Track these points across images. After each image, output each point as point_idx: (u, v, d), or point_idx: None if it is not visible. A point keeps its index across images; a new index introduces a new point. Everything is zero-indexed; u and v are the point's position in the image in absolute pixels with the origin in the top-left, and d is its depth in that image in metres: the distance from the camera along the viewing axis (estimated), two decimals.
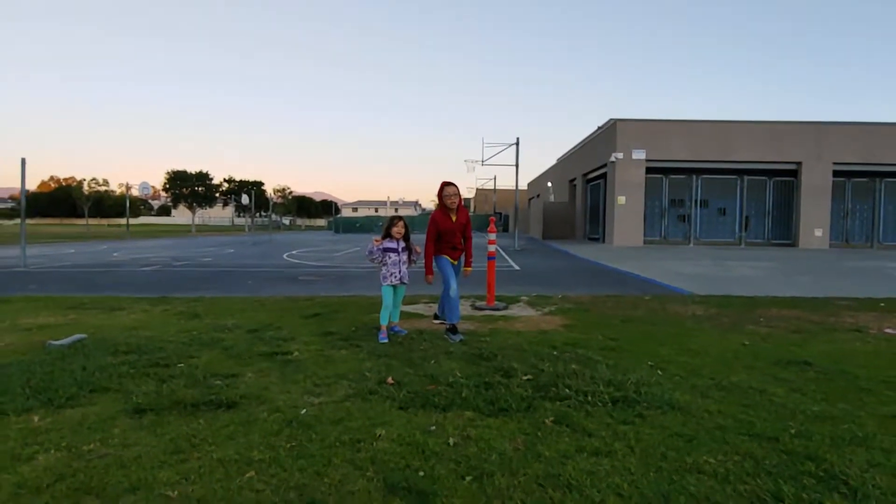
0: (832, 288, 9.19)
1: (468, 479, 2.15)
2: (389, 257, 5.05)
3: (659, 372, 3.78)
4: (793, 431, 2.65)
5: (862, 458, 2.34)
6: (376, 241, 5.11)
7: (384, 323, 4.91)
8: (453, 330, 4.85)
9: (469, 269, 5.32)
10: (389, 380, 3.51)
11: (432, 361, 3.99)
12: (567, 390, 3.25)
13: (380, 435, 2.59)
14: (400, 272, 5.07)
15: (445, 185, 5.10)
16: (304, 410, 2.93)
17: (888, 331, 5.52)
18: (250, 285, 9.45)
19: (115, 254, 18.50)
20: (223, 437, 2.58)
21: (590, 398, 3.11)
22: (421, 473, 2.19)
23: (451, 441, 2.52)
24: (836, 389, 3.40)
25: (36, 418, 2.82)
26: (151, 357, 4.07)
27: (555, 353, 4.29)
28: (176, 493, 2.03)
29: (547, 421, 2.78)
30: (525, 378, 3.53)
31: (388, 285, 5.02)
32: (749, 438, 2.57)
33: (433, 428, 2.69)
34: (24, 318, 5.96)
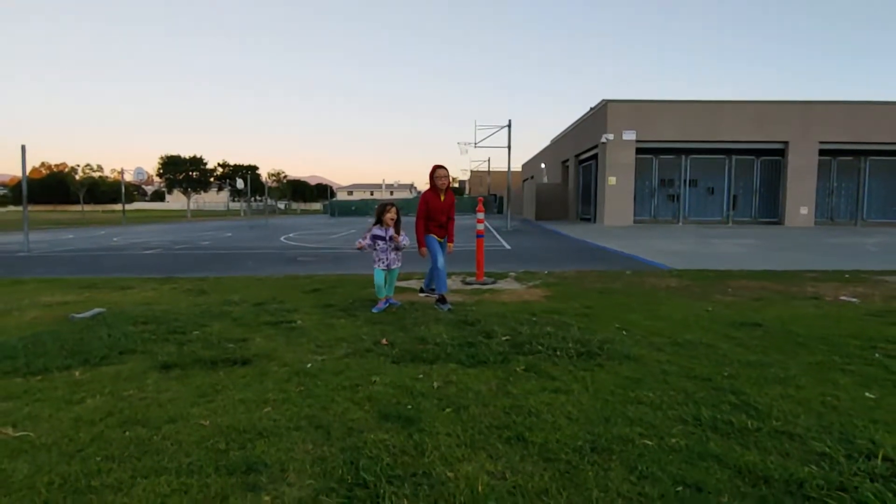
0: (807, 262, 9.68)
1: (448, 410, 2.61)
2: (378, 244, 5.35)
3: (624, 333, 4.25)
4: (725, 374, 3.12)
5: (776, 393, 2.81)
6: (360, 245, 5.42)
7: (380, 296, 5.33)
8: (442, 300, 5.31)
9: (451, 244, 5.78)
10: (384, 341, 3.97)
11: (422, 327, 4.44)
12: (539, 347, 3.71)
13: (375, 381, 3.04)
14: (388, 258, 5.35)
15: (437, 167, 5.56)
16: (310, 365, 3.38)
17: (843, 298, 6.01)
18: (251, 266, 9.86)
19: (114, 238, 18.82)
20: (241, 384, 3.03)
21: (558, 353, 3.57)
22: (409, 407, 2.65)
23: (435, 385, 2.98)
24: (776, 344, 3.88)
25: (77, 373, 3.26)
26: (168, 326, 4.50)
27: (533, 318, 4.75)
28: (208, 422, 2.48)
29: (518, 369, 3.24)
30: (504, 338, 3.98)
31: (378, 268, 5.36)
32: (687, 379, 3.04)
33: (421, 376, 3.15)
34: (42, 297, 6.37)
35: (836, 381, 3.01)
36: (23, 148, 13.89)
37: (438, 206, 5.56)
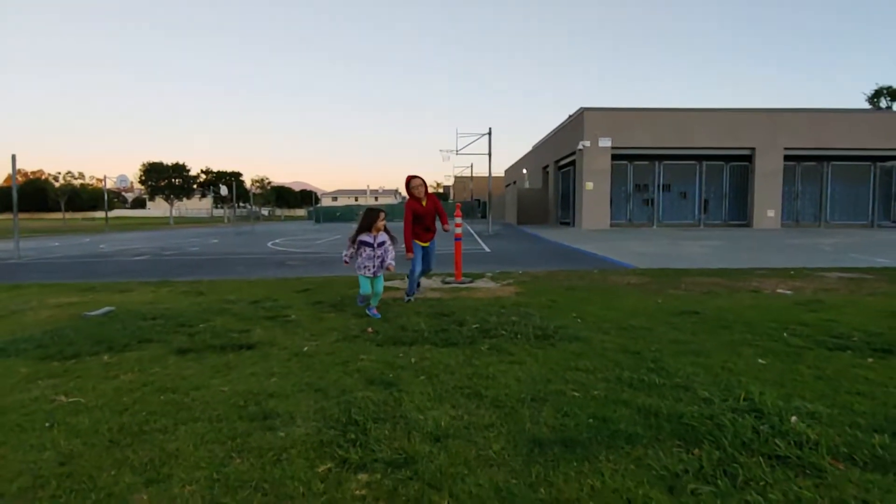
0: (763, 261, 10.48)
1: (422, 377, 3.22)
2: (364, 251, 5.23)
3: (578, 320, 4.90)
4: (652, 349, 3.78)
5: (687, 361, 3.47)
6: (346, 261, 5.34)
7: (363, 293, 5.27)
8: (409, 293, 6.02)
9: (448, 226, 6.47)
10: (369, 329, 4.56)
11: (403, 318, 5.03)
12: (503, 332, 4.34)
13: (362, 359, 3.64)
14: (374, 266, 5.21)
15: (411, 178, 6.15)
16: (306, 348, 3.96)
17: (779, 290, 6.75)
18: (242, 270, 10.36)
19: (101, 246, 19.07)
20: (249, 363, 3.60)
21: (519, 336, 4.20)
22: (391, 375, 3.25)
23: (412, 360, 3.58)
24: (705, 328, 4.56)
25: (105, 357, 3.79)
26: (176, 321, 5.02)
27: (502, 310, 5.38)
28: (227, 388, 3.05)
29: (482, 348, 3.86)
30: (473, 326, 4.60)
31: (364, 276, 5.22)
32: (621, 353, 3.69)
33: (401, 355, 3.75)
34: (48, 299, 6.82)
35: (740, 353, 3.68)
36: (13, 157, 14.19)
37: (423, 211, 6.17)
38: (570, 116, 26.51)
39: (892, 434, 2.34)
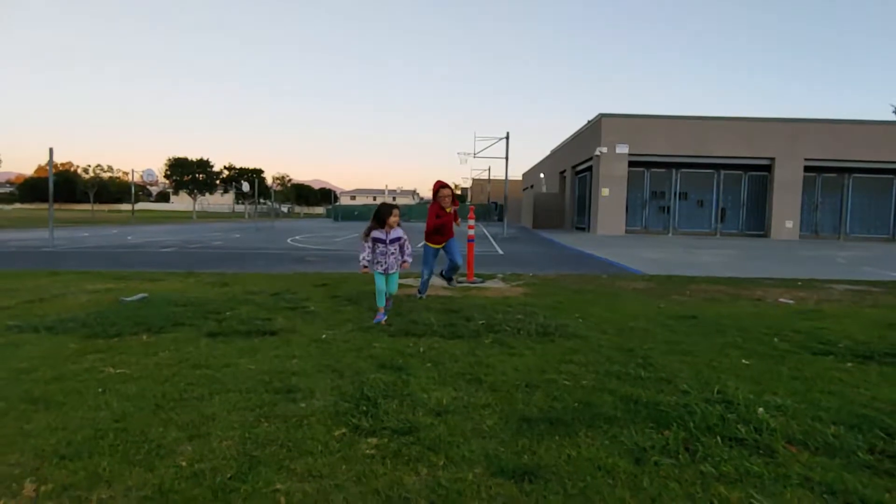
0: (772, 271, 10.58)
1: (428, 364, 3.54)
2: (377, 247, 5.20)
3: (580, 320, 5.17)
4: (645, 347, 4.05)
5: (675, 359, 3.74)
6: (364, 268, 5.23)
7: (381, 305, 5.11)
8: (421, 291, 6.47)
9: (458, 221, 6.82)
10: (383, 321, 4.90)
11: (415, 313, 5.36)
12: (507, 328, 4.64)
13: (375, 346, 3.98)
14: (387, 262, 5.16)
15: (441, 186, 6.47)
16: (324, 336, 4.32)
17: (781, 300, 6.92)
18: (263, 264, 10.81)
19: (129, 237, 19.79)
20: (273, 347, 3.96)
21: (521, 332, 4.50)
22: (400, 361, 3.58)
23: (421, 349, 3.91)
24: (700, 331, 4.80)
25: (144, 337, 4.19)
26: (204, 308, 5.43)
27: (509, 309, 5.67)
28: (254, 367, 3.41)
29: (486, 341, 4.17)
30: (480, 322, 4.91)
31: (377, 272, 5.20)
32: (615, 350, 3.96)
33: (411, 345, 4.08)
34: (85, 285, 7.30)
35: (727, 354, 3.93)
36: (50, 151, 14.90)
37: (445, 217, 6.53)
38: (588, 122, 26.64)
39: (850, 426, 2.59)
